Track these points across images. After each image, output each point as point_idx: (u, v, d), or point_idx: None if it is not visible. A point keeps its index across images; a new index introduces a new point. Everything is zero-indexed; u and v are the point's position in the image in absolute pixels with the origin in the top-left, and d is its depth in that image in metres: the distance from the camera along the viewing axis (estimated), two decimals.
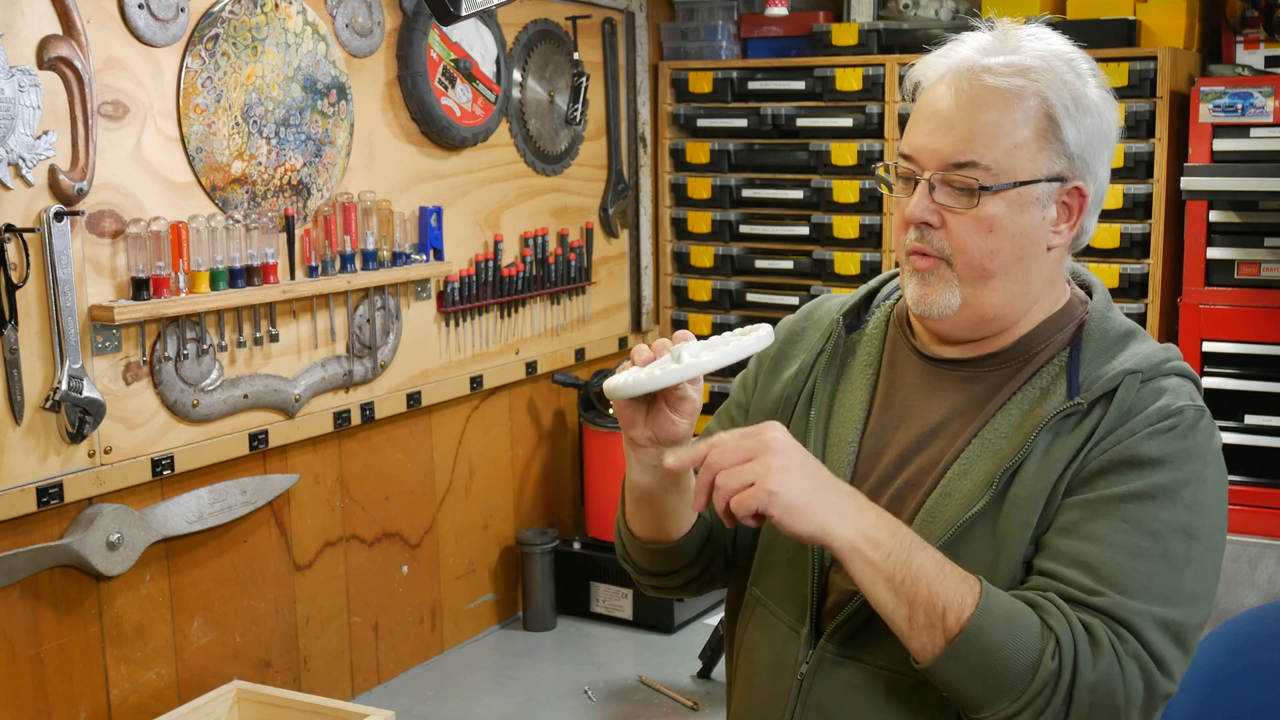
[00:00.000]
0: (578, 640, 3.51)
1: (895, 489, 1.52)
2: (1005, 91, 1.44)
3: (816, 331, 1.69)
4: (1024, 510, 1.42)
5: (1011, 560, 1.42)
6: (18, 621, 2.38)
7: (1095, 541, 1.38)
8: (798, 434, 1.60)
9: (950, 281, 1.48)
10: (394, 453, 3.18)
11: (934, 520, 1.46)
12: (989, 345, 1.53)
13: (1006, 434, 1.47)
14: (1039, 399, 1.47)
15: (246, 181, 2.70)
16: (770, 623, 1.58)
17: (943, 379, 1.55)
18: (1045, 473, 1.42)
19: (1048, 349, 1.51)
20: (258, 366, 2.76)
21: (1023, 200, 1.45)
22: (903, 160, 1.50)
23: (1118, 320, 1.53)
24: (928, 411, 1.54)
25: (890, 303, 1.67)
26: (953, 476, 1.47)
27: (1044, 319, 1.53)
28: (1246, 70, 3.38)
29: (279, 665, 2.92)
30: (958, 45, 1.52)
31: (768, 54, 3.94)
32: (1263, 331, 3.21)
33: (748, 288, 3.98)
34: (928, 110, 1.48)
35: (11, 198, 2.28)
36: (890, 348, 1.62)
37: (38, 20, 2.29)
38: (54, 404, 2.36)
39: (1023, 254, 1.47)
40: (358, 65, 2.95)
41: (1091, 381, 1.45)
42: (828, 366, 1.63)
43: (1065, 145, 1.46)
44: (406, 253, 3.07)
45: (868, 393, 1.60)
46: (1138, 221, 3.38)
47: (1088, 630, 1.34)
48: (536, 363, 3.58)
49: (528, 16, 3.44)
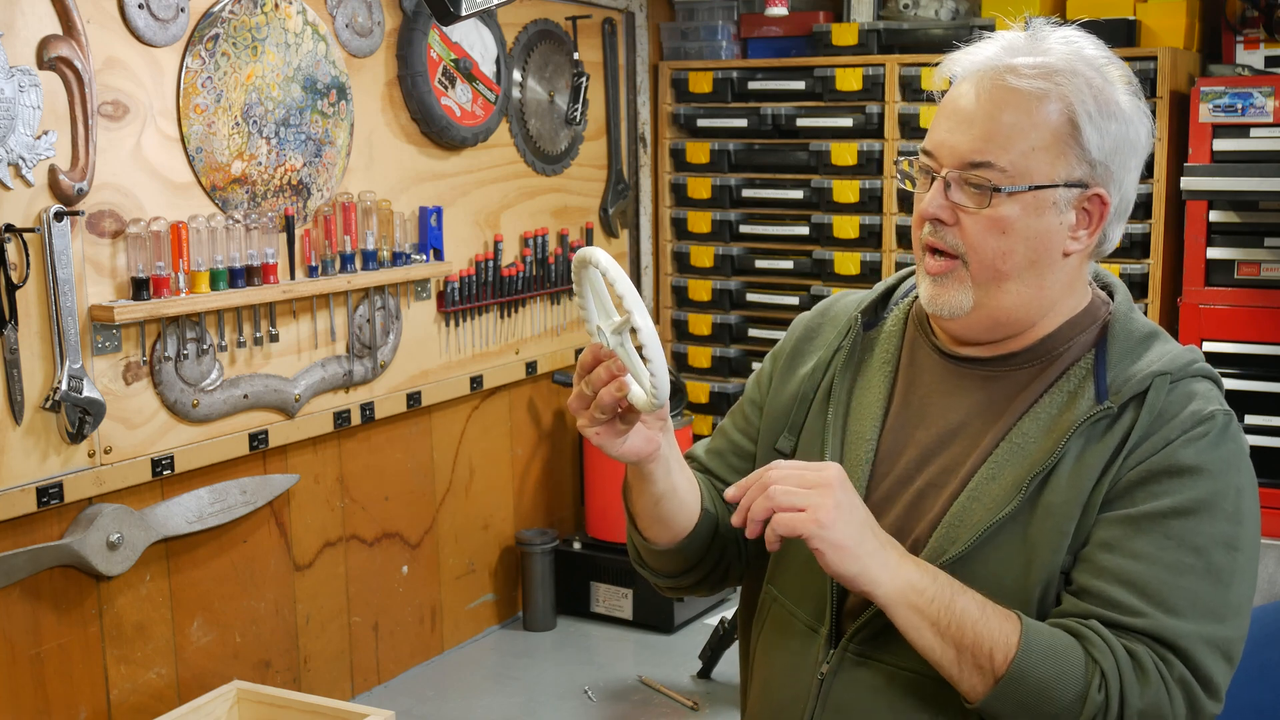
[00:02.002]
0: (578, 640, 3.51)
1: (917, 489, 1.51)
2: (1027, 93, 1.43)
3: (833, 328, 1.67)
4: (1058, 518, 1.41)
5: (1045, 567, 1.41)
6: (18, 621, 2.38)
7: (1139, 559, 1.37)
8: (815, 430, 1.60)
9: (964, 282, 1.46)
10: (394, 453, 3.18)
11: (961, 524, 1.45)
12: (1009, 345, 1.52)
13: (1035, 438, 1.45)
14: (1067, 403, 1.46)
15: (246, 181, 2.70)
16: (787, 622, 1.57)
17: (963, 377, 1.54)
18: (1079, 480, 1.41)
19: (1071, 350, 1.50)
20: (258, 366, 2.76)
21: (1038, 204, 1.43)
22: (924, 156, 1.49)
23: (1141, 321, 1.52)
24: (948, 410, 1.53)
25: (909, 300, 1.66)
26: (981, 480, 1.46)
27: (1066, 320, 1.51)
28: (1246, 70, 3.38)
29: (279, 665, 2.92)
30: (987, 43, 1.50)
31: (768, 54, 3.94)
32: (1263, 331, 3.21)
33: (748, 288, 3.98)
34: (951, 107, 1.47)
35: (11, 198, 2.28)
36: (909, 345, 1.61)
37: (38, 20, 2.29)
38: (54, 404, 2.36)
39: (1037, 258, 1.46)
40: (358, 65, 2.95)
41: (1120, 384, 1.44)
42: (846, 363, 1.62)
43: (1086, 151, 1.43)
44: (406, 253, 3.07)
45: (886, 390, 1.58)
46: (1138, 221, 3.38)
47: (1133, 658, 1.35)
48: (536, 363, 3.58)
49: (528, 16, 3.44)
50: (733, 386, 3.97)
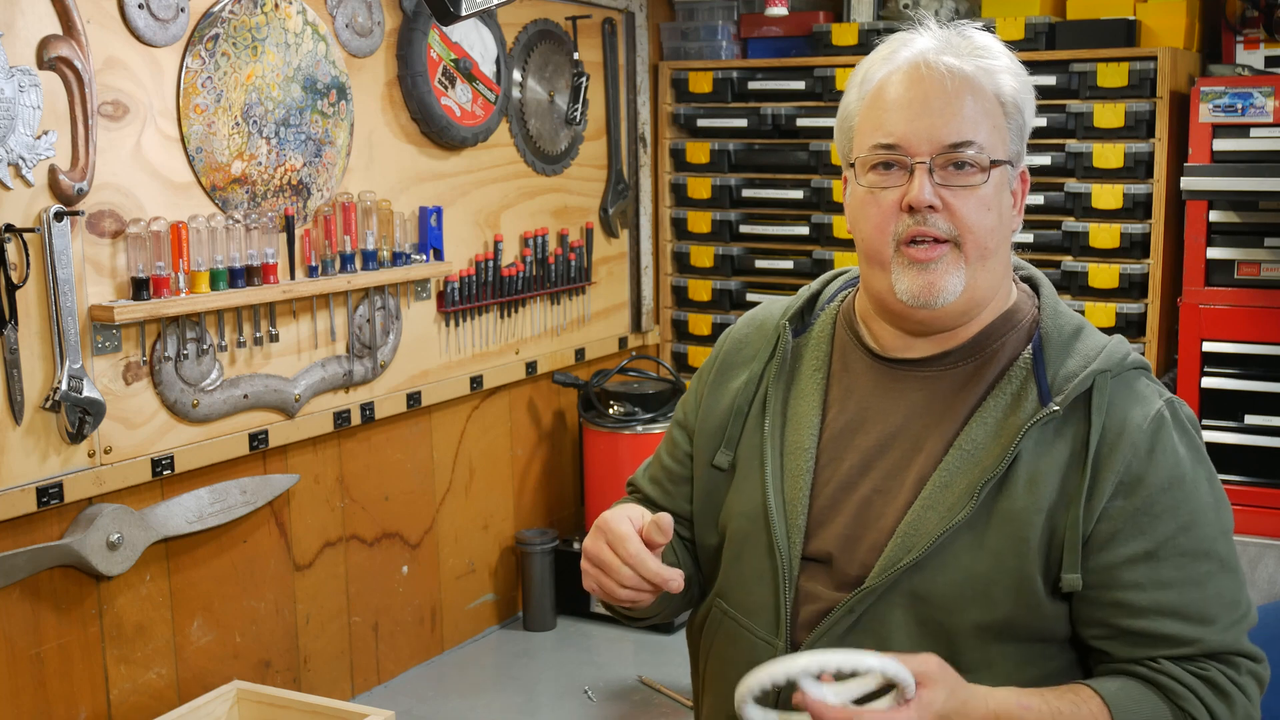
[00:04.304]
0: (578, 640, 3.51)
1: (862, 495, 1.50)
2: (975, 75, 1.46)
3: (761, 338, 1.66)
4: (1017, 524, 1.42)
5: (1011, 574, 1.42)
6: (18, 621, 2.38)
7: (1171, 587, 1.42)
8: (754, 444, 1.59)
9: (958, 263, 1.45)
10: (394, 453, 3.18)
11: (916, 533, 1.44)
12: (948, 341, 1.52)
13: (984, 443, 1.46)
14: (1012, 405, 1.46)
15: (246, 181, 2.70)
16: (738, 635, 1.55)
17: (899, 380, 1.53)
18: (1036, 487, 1.42)
19: (1005, 347, 1.51)
20: (258, 366, 2.76)
21: (1001, 180, 1.48)
22: (881, 151, 1.47)
23: (1068, 315, 1.54)
24: (887, 414, 1.52)
25: (835, 305, 1.65)
26: (934, 489, 1.46)
27: (997, 316, 1.52)
28: (1246, 70, 3.38)
29: (279, 665, 2.92)
30: (907, 41, 1.52)
31: (768, 54, 3.94)
32: (1263, 331, 3.21)
33: (748, 288, 3.98)
34: (900, 99, 1.46)
35: (11, 198, 2.28)
36: (840, 350, 1.60)
37: (38, 20, 2.29)
38: (54, 404, 2.36)
39: (1006, 234, 1.50)
40: (358, 65, 2.95)
41: (1062, 383, 1.46)
42: (778, 373, 1.61)
43: (1021, 130, 1.50)
44: (406, 253, 3.07)
45: (820, 397, 1.57)
46: (1138, 221, 3.38)
47: (1210, 685, 1.41)
48: (536, 363, 3.58)
49: (528, 16, 3.44)
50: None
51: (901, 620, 1.45)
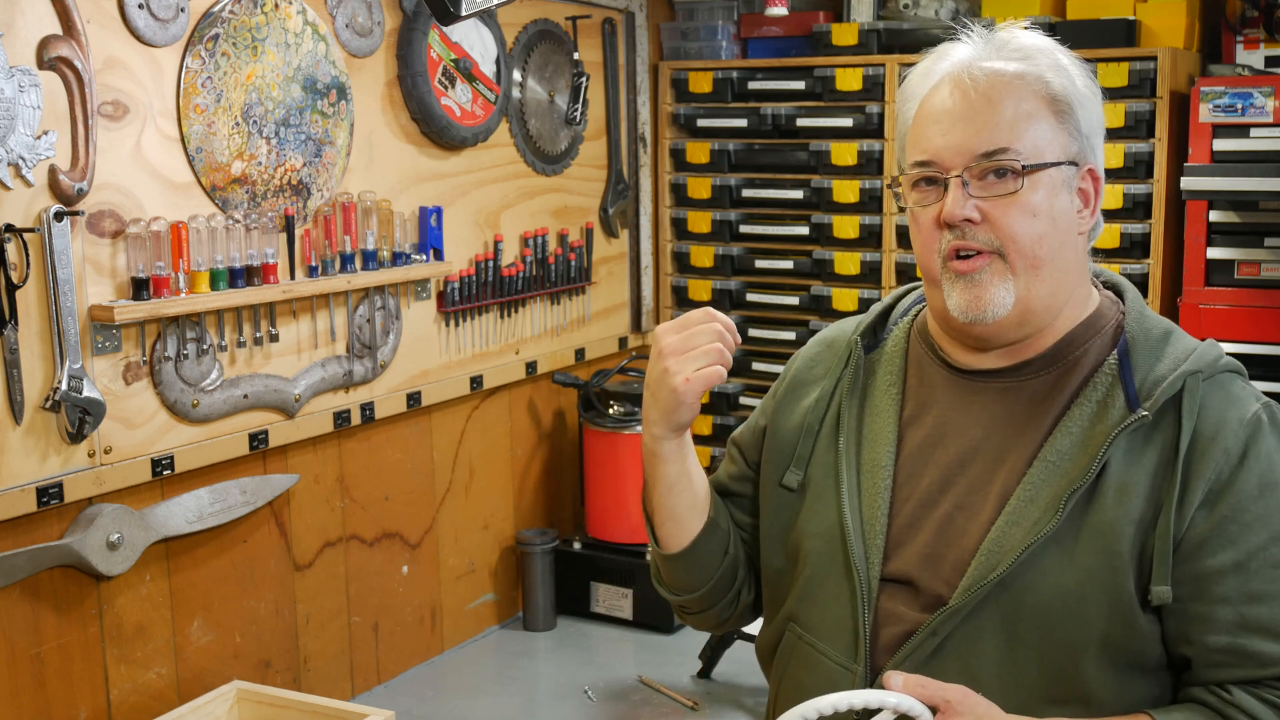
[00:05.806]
0: (578, 640, 3.51)
1: (944, 512, 1.45)
2: (1015, 75, 1.42)
3: (833, 355, 1.62)
4: (1109, 538, 1.36)
5: (1104, 590, 1.36)
6: (18, 621, 2.38)
7: (1261, 601, 1.34)
8: (827, 463, 1.54)
9: (1004, 275, 1.40)
10: (394, 453, 3.18)
11: (1001, 550, 1.38)
12: (1025, 351, 1.47)
13: (1069, 453, 1.40)
14: (1098, 413, 1.41)
15: (246, 181, 2.70)
16: (815, 660, 1.49)
17: (978, 392, 1.48)
18: (1126, 498, 1.36)
19: (1089, 355, 1.45)
20: (258, 366, 2.76)
21: (1053, 184, 1.41)
22: (919, 168, 1.44)
23: (1155, 319, 1.48)
24: (967, 428, 1.47)
25: (909, 318, 1.60)
26: (1018, 504, 1.40)
27: (1079, 323, 1.47)
28: (1246, 70, 3.38)
29: (279, 665, 2.92)
30: (947, 51, 1.49)
31: (768, 54, 3.94)
32: (1263, 331, 3.21)
33: (748, 288, 3.98)
34: (936, 113, 1.44)
35: (11, 198, 2.28)
36: (915, 364, 1.55)
37: (38, 20, 2.29)
38: (54, 404, 2.36)
39: (1063, 239, 1.43)
40: (358, 65, 2.95)
41: (1150, 388, 1.39)
42: (851, 389, 1.56)
43: (1078, 127, 1.43)
44: (406, 253, 3.07)
45: (895, 413, 1.53)
46: (1138, 221, 3.38)
47: None
48: (536, 363, 3.58)
49: (528, 16, 3.44)
50: (732, 386, 3.97)
51: (990, 642, 1.39)
